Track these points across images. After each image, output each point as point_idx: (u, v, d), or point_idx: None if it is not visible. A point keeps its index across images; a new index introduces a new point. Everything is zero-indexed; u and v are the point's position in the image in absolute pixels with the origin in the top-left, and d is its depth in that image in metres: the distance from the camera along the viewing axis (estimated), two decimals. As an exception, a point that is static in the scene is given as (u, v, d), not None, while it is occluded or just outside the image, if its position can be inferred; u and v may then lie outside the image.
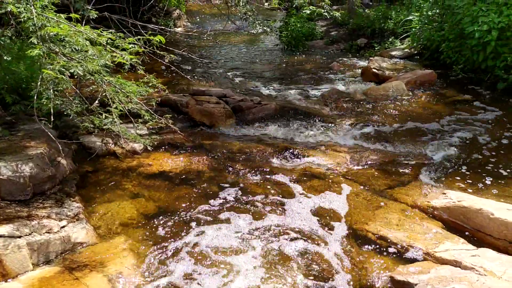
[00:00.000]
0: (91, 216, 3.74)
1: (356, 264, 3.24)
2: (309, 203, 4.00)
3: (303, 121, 6.00)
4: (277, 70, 9.45)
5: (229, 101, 6.39)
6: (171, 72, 8.08)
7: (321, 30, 12.44)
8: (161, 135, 5.28)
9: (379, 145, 5.28)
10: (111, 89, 3.48)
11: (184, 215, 3.80)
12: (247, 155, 4.97)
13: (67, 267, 3.06)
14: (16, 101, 4.49)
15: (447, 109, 6.44)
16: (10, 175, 3.63)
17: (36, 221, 3.35)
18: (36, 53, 3.27)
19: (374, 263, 3.24)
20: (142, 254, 3.29)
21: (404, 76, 7.72)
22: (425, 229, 3.56)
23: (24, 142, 4.21)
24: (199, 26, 13.59)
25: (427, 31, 9.16)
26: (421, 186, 4.29)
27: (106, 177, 4.37)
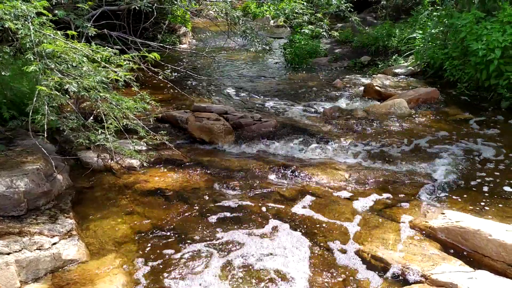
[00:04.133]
0: (84, 233, 3.71)
1: (350, 284, 3.16)
2: (305, 222, 3.95)
3: (303, 138, 5.97)
4: (280, 87, 9.46)
5: (230, 117, 6.39)
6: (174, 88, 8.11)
7: (325, 48, 12.47)
8: (159, 151, 5.27)
9: (379, 163, 5.23)
10: (106, 105, 3.48)
11: (178, 233, 3.76)
12: (245, 172, 4.93)
13: (56, 285, 3.03)
14: (14, 117, 4.51)
15: (449, 127, 6.38)
16: (4, 190, 3.63)
17: (28, 238, 3.33)
18: (32, 69, 3.29)
19: (368, 284, 3.16)
20: (133, 273, 3.24)
21: (406, 93, 7.69)
22: (422, 250, 3.48)
23: (21, 158, 4.22)
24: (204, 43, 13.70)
25: (431, 49, 9.15)
26: (420, 206, 4.22)
27: (102, 194, 4.35)
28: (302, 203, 4.26)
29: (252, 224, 3.90)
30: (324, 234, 3.77)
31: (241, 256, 3.45)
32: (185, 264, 3.35)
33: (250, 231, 3.78)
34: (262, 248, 3.55)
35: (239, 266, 3.32)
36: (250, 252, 3.50)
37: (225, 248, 3.55)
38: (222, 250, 3.53)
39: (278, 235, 3.74)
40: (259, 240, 3.66)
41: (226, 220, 3.97)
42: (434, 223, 3.77)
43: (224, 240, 3.65)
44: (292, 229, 3.84)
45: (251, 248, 3.55)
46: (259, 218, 4.00)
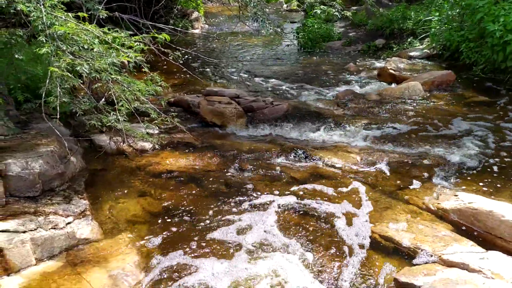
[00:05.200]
0: (98, 213, 3.77)
1: (361, 264, 3.17)
2: (316, 204, 3.95)
3: (314, 122, 5.94)
4: (292, 70, 9.40)
5: (241, 101, 6.38)
6: (186, 73, 8.12)
7: (339, 31, 12.34)
8: (171, 134, 5.31)
9: (392, 146, 5.19)
10: (117, 88, 3.50)
11: (189, 214, 3.80)
12: (257, 155, 4.94)
13: (70, 262, 3.09)
14: (28, 100, 4.57)
15: (465, 110, 6.28)
16: (20, 171, 3.69)
17: (43, 217, 3.40)
18: (44, 51, 3.32)
19: (379, 264, 3.17)
20: (145, 252, 3.29)
21: (421, 76, 7.58)
22: (434, 231, 3.46)
23: (36, 140, 4.28)
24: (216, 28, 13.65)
25: (447, 31, 8.98)
26: (432, 188, 4.19)
27: (115, 176, 4.41)
28: (313, 185, 4.26)
29: (262, 205, 3.92)
30: (335, 215, 3.76)
31: (252, 237, 3.47)
32: (196, 244, 3.39)
33: (260, 213, 3.80)
34: (272, 229, 3.57)
35: (249, 249, 3.35)
36: (261, 233, 3.52)
37: (236, 229, 3.57)
38: (233, 231, 3.55)
39: (288, 216, 3.76)
40: (270, 220, 3.68)
41: (236, 201, 3.99)
42: (446, 205, 3.74)
43: (235, 221, 3.68)
44: (302, 210, 3.85)
45: (262, 229, 3.57)
46: (270, 200, 4.01)
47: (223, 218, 3.74)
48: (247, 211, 3.83)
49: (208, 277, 3.02)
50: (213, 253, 3.27)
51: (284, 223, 3.66)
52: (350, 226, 3.61)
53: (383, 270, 3.10)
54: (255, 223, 3.65)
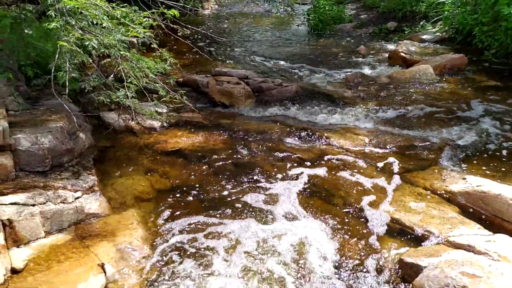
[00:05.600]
0: (106, 189, 3.81)
1: (367, 244, 3.18)
2: (323, 185, 3.95)
3: (323, 104, 5.91)
4: (302, 52, 9.31)
5: (250, 82, 6.35)
6: (196, 53, 8.09)
7: (350, 14, 12.17)
8: (179, 113, 5.31)
9: (400, 129, 5.15)
10: (126, 64, 3.49)
11: (196, 192, 3.82)
12: (264, 135, 4.94)
13: (79, 236, 3.13)
14: (38, 76, 4.58)
15: (475, 95, 6.20)
16: (30, 146, 3.72)
17: (52, 191, 3.43)
18: (53, 26, 3.32)
19: (384, 244, 3.17)
20: (152, 227, 3.33)
21: (433, 60, 7.48)
22: (441, 214, 3.45)
23: (45, 116, 4.31)
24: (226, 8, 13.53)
25: (460, 15, 8.82)
26: (440, 171, 4.16)
27: (123, 153, 4.44)
28: (320, 166, 4.25)
29: (269, 185, 3.92)
30: (342, 197, 3.77)
31: (258, 217, 3.49)
32: (202, 221, 3.41)
33: (267, 193, 3.81)
34: (279, 209, 3.58)
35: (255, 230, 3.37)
36: (268, 213, 3.54)
37: (242, 209, 3.59)
38: (239, 210, 3.57)
39: (295, 197, 3.76)
40: (277, 201, 3.69)
41: (243, 181, 4.00)
42: (454, 188, 3.72)
43: (241, 201, 3.70)
44: (309, 191, 3.85)
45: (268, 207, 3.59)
46: (277, 179, 4.02)
47: (229, 196, 3.76)
48: (253, 190, 3.84)
49: (213, 252, 3.05)
50: (218, 232, 3.30)
51: (290, 204, 3.67)
52: (357, 207, 3.62)
53: (389, 251, 3.11)
54: (260, 201, 3.67)
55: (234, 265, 2.94)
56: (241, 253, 3.05)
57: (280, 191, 3.82)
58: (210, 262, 2.97)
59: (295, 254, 3.05)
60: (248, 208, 3.58)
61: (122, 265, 2.88)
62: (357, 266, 2.98)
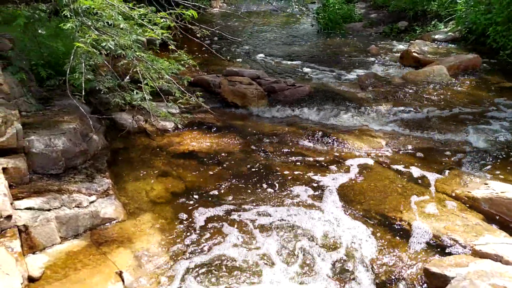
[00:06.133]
0: (120, 193, 3.74)
1: (390, 253, 3.09)
2: (340, 188, 3.87)
3: (337, 105, 5.81)
4: (312, 52, 9.22)
5: (262, 82, 6.27)
6: (205, 52, 8.01)
7: (360, 13, 12.06)
8: (192, 114, 5.23)
9: (417, 131, 5.05)
10: (142, 65, 3.42)
11: (212, 195, 3.75)
12: (279, 137, 4.86)
13: (95, 241, 3.07)
14: (51, 76, 4.51)
15: (492, 96, 6.09)
16: (43, 148, 3.65)
17: (66, 195, 3.37)
18: (69, 27, 3.24)
19: (408, 253, 3.09)
20: (169, 233, 3.25)
21: (447, 60, 7.36)
22: (464, 221, 3.36)
23: (58, 117, 4.24)
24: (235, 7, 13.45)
25: (473, 14, 8.69)
26: (461, 176, 4.07)
27: (137, 155, 4.37)
28: (338, 170, 4.17)
29: (285, 190, 3.84)
30: (361, 202, 3.68)
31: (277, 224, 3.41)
32: (219, 227, 3.34)
33: (284, 198, 3.74)
34: (298, 214, 3.50)
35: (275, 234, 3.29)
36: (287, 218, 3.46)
37: (258, 214, 3.51)
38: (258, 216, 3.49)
39: (312, 202, 3.68)
40: (295, 206, 3.62)
41: (260, 185, 3.93)
42: (477, 193, 3.63)
43: (258, 206, 3.62)
44: (327, 196, 3.77)
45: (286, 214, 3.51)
46: (293, 184, 3.94)
47: (246, 201, 3.68)
48: (271, 196, 3.76)
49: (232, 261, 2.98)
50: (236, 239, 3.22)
51: (307, 207, 3.59)
52: (377, 213, 3.53)
53: (413, 260, 3.02)
54: (279, 208, 3.59)
55: (256, 276, 2.87)
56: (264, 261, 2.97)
57: (297, 197, 3.74)
58: (230, 270, 2.89)
59: (312, 264, 2.97)
60: (267, 215, 3.50)
61: (140, 273, 2.81)
62: (380, 275, 2.89)
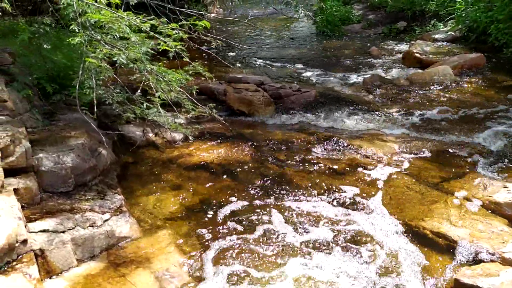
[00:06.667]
0: (133, 209, 3.64)
1: (413, 262, 3.01)
2: (358, 197, 3.78)
3: (345, 109, 5.74)
4: (313, 55, 9.16)
5: (267, 88, 6.19)
6: (206, 59, 7.91)
7: (358, 14, 12.00)
8: (200, 124, 5.13)
9: (429, 134, 4.99)
10: (153, 78, 3.33)
11: (228, 208, 3.65)
12: (290, 144, 4.77)
13: (112, 263, 2.96)
14: (56, 91, 4.40)
15: (500, 95, 6.04)
16: (52, 166, 3.55)
17: (79, 215, 3.26)
18: (77, 41, 3.15)
19: (435, 263, 3.00)
20: (187, 250, 3.15)
21: (450, 60, 7.32)
22: (489, 227, 3.28)
23: (65, 132, 4.13)
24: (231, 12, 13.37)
25: (473, 12, 8.65)
26: (478, 179, 3.99)
27: (147, 168, 4.27)
28: (353, 178, 4.09)
29: (304, 201, 3.75)
30: (380, 210, 3.59)
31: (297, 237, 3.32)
32: (238, 242, 3.24)
33: (302, 210, 3.64)
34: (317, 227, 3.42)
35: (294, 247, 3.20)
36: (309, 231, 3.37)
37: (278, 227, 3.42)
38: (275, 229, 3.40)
39: (329, 212, 3.60)
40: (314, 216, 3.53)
41: (275, 196, 3.83)
42: (498, 198, 3.55)
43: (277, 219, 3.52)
44: (344, 206, 3.68)
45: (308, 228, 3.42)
46: (311, 194, 3.85)
47: (263, 212, 3.58)
48: (288, 207, 3.67)
49: (257, 281, 2.89)
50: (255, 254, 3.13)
51: (327, 218, 3.50)
52: (399, 221, 3.44)
53: (440, 269, 2.94)
54: (299, 220, 3.50)
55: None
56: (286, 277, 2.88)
57: (314, 208, 3.65)
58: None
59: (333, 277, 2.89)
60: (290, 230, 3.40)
61: (162, 295, 2.71)
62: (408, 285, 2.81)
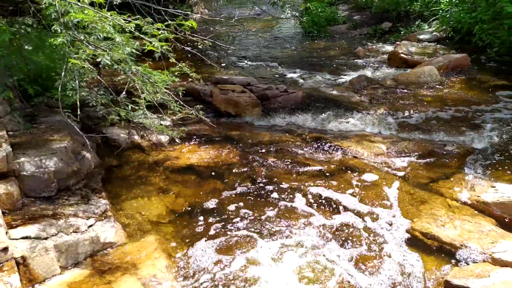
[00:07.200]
0: (119, 214, 3.55)
1: (403, 264, 2.99)
2: (347, 198, 3.76)
3: (332, 110, 5.72)
4: (299, 56, 9.14)
5: (254, 89, 6.13)
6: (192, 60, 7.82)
7: (343, 15, 12.05)
8: (186, 126, 5.05)
9: (417, 134, 4.99)
10: (138, 79, 3.25)
11: (215, 212, 3.59)
12: (278, 146, 4.72)
13: (97, 270, 2.88)
14: (38, 93, 4.29)
15: (485, 95, 6.09)
16: (34, 170, 3.45)
17: (63, 220, 3.17)
18: (59, 42, 3.05)
19: (424, 264, 2.98)
20: (174, 255, 3.08)
21: (436, 60, 7.36)
22: (478, 227, 3.28)
23: (47, 135, 4.03)
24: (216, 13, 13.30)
25: (458, 13, 8.74)
26: (466, 179, 4.00)
27: (132, 172, 4.18)
28: (342, 179, 4.06)
29: (292, 204, 3.71)
30: (370, 212, 3.57)
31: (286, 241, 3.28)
32: (225, 245, 3.18)
33: (290, 211, 3.60)
34: (307, 230, 3.38)
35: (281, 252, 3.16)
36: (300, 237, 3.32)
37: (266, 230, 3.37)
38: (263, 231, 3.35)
39: (319, 213, 3.56)
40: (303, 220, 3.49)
41: (264, 199, 3.78)
42: (487, 198, 3.56)
43: (264, 221, 3.47)
44: (333, 207, 3.65)
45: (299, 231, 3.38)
46: (299, 197, 3.80)
47: (250, 216, 3.53)
48: (278, 209, 3.62)
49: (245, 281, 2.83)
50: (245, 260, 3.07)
51: (315, 221, 3.46)
52: (388, 222, 3.42)
53: (431, 271, 2.92)
54: (286, 221, 3.46)
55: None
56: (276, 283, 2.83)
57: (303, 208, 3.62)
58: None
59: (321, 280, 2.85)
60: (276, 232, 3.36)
61: (150, 302, 2.64)
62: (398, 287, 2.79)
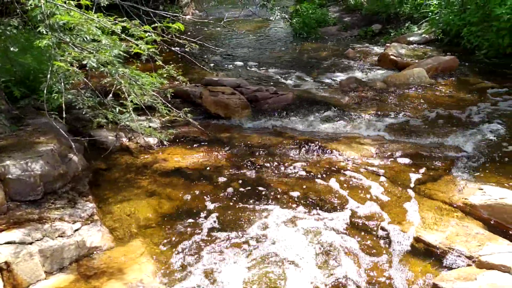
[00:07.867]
0: (106, 217, 3.52)
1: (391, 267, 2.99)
2: (334, 201, 3.76)
3: (322, 112, 5.72)
4: (290, 57, 9.13)
5: (244, 91, 6.12)
6: (181, 61, 7.79)
7: (334, 16, 12.04)
8: (174, 128, 5.03)
9: (405, 136, 5.00)
10: (125, 82, 3.22)
11: (204, 215, 3.57)
12: (267, 148, 4.71)
13: (83, 274, 2.85)
14: (24, 95, 4.24)
15: (473, 97, 6.12)
16: (20, 174, 3.41)
17: (48, 224, 3.13)
18: (45, 44, 3.02)
19: (412, 268, 2.99)
20: (161, 260, 3.06)
21: (425, 62, 7.39)
22: (465, 229, 3.29)
23: (33, 138, 3.99)
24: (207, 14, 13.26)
25: (447, 15, 8.79)
26: (454, 181, 4.02)
27: (120, 175, 4.14)
28: (332, 182, 4.05)
29: (281, 207, 3.70)
30: (357, 215, 3.57)
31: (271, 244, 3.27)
32: (214, 249, 3.17)
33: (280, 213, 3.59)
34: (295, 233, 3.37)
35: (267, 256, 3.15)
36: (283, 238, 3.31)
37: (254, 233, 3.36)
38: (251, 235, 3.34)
39: (307, 216, 3.56)
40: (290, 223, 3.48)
41: (253, 201, 3.77)
42: (474, 200, 3.57)
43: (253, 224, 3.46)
44: (322, 209, 3.65)
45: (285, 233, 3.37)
46: (287, 197, 3.80)
47: (239, 219, 3.52)
48: (267, 213, 3.61)
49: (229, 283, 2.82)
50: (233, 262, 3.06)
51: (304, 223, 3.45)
52: (375, 225, 3.43)
53: (417, 274, 2.93)
54: (275, 224, 3.44)
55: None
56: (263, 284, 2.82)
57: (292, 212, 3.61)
58: (231, 297, 2.73)
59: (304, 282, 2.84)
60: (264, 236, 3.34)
61: (136, 307, 2.61)
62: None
